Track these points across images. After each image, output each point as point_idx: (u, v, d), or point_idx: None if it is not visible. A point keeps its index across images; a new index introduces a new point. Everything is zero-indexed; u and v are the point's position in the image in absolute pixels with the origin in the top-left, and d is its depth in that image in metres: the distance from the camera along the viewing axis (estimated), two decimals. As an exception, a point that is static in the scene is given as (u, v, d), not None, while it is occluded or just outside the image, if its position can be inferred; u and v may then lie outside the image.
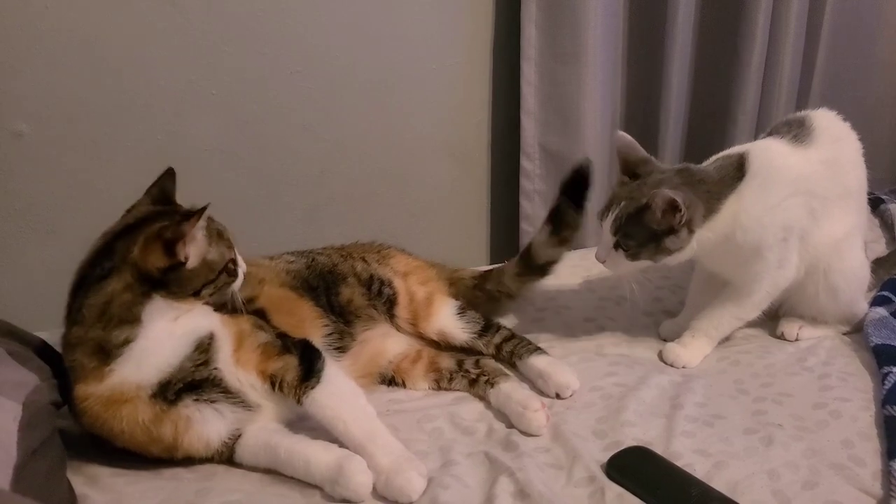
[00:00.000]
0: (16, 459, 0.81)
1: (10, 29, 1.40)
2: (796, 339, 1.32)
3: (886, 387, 1.12)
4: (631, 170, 1.21)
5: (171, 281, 0.95)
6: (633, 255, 1.18)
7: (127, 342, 0.93)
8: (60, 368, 0.99)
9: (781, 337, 1.33)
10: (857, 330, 1.33)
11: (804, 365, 1.24)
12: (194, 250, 0.96)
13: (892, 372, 1.14)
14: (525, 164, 1.83)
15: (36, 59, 1.42)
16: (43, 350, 1.04)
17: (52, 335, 1.07)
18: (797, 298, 1.31)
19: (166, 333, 0.95)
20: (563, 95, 1.77)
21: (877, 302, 1.36)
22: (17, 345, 1.00)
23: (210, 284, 0.98)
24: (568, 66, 1.74)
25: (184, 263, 0.95)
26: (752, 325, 1.32)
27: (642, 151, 1.23)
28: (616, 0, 1.82)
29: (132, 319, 0.93)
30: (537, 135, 1.81)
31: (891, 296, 1.38)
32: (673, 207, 1.12)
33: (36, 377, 0.95)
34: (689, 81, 2.01)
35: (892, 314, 1.33)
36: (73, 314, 0.95)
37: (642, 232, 1.16)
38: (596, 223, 1.17)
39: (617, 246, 1.18)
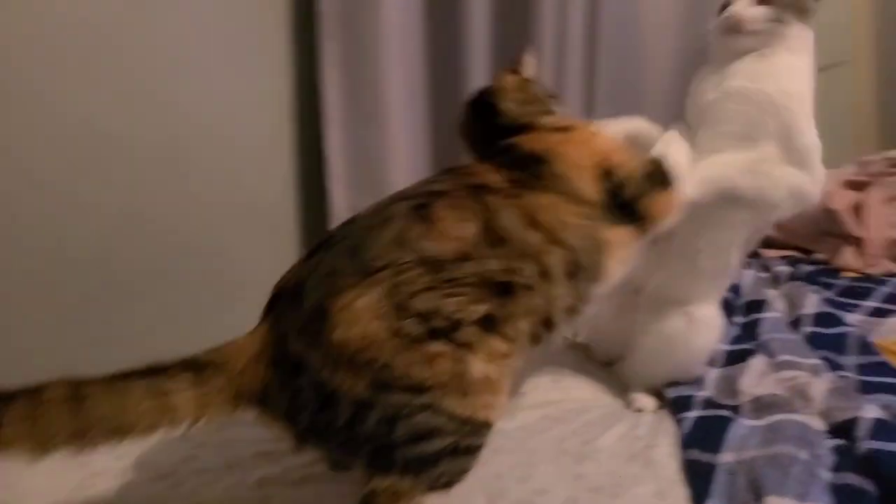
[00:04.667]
0: None
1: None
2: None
3: (684, 431, 1.16)
4: None
5: None
6: None
7: None
8: None
9: None
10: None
11: (618, 416, 1.25)
12: None
13: (685, 417, 1.19)
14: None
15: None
16: None
17: None
18: None
19: None
20: (370, 158, 1.74)
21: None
22: None
23: None
24: (371, 128, 1.73)
25: None
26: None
27: None
28: (416, 53, 1.82)
29: None
30: (348, 198, 1.76)
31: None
32: None
33: None
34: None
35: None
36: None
37: None
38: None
39: None
